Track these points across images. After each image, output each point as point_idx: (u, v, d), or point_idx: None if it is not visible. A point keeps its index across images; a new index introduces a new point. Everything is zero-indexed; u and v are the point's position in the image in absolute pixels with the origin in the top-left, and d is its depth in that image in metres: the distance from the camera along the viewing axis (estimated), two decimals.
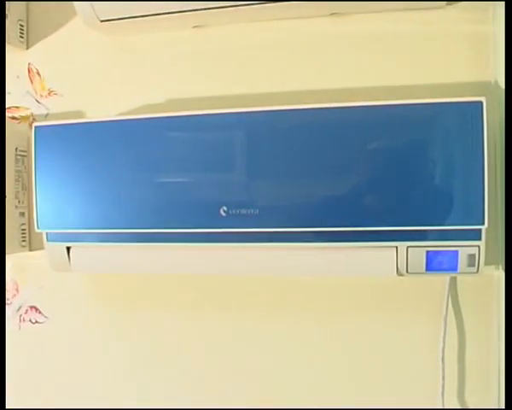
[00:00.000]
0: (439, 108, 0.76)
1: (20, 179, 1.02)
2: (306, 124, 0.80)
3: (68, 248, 0.91)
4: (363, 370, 0.94)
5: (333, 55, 0.92)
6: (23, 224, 1.03)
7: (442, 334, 0.87)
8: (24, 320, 1.08)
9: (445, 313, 0.87)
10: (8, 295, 1.08)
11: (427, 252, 0.78)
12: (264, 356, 0.98)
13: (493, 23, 0.86)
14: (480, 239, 0.76)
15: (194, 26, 0.96)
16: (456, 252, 0.77)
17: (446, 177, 0.76)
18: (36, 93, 1.05)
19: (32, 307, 1.07)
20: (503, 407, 0.76)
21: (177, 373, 1.01)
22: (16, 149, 1.01)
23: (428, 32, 0.89)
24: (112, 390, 1.05)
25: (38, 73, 1.05)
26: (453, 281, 0.88)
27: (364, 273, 0.82)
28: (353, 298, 0.93)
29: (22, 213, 1.03)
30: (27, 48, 1.05)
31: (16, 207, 1.01)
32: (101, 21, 0.91)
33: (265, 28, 0.94)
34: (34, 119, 1.05)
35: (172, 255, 0.86)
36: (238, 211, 0.81)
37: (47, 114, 1.05)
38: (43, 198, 0.90)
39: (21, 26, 1.04)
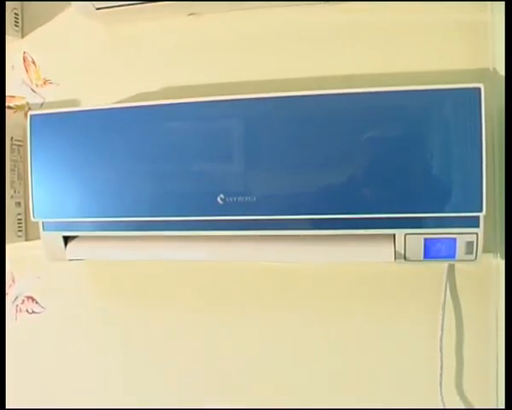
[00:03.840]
0: (437, 95, 0.75)
1: (16, 169, 1.02)
2: (303, 111, 0.79)
3: (65, 238, 0.90)
4: (361, 359, 0.94)
5: (331, 42, 0.92)
6: (19, 214, 1.03)
7: (440, 322, 0.87)
8: (21, 311, 1.08)
9: (443, 301, 0.87)
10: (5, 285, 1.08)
11: (425, 239, 0.78)
12: (263, 348, 0.98)
13: (492, 10, 0.85)
14: (478, 226, 0.76)
15: (190, 14, 0.96)
16: (454, 239, 0.77)
17: (444, 164, 0.75)
18: (31, 82, 1.05)
19: (28, 298, 1.07)
20: (503, 407, 0.76)
21: (177, 366, 1.01)
22: (12, 138, 1.01)
23: (427, 19, 0.88)
24: (109, 381, 1.05)
25: (34, 62, 1.04)
26: (451, 269, 0.88)
27: (362, 261, 0.82)
28: (351, 287, 0.93)
29: (18, 203, 1.02)
30: (22, 37, 1.05)
31: (12, 196, 1.01)
32: (97, 9, 0.91)
33: (261, 16, 0.93)
34: (30, 108, 1.04)
35: (170, 243, 0.86)
36: (235, 199, 0.80)
37: (42, 103, 1.04)
38: (39, 187, 0.89)
39: (16, 14, 1.03)
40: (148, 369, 1.03)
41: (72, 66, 1.02)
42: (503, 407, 0.75)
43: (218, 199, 0.81)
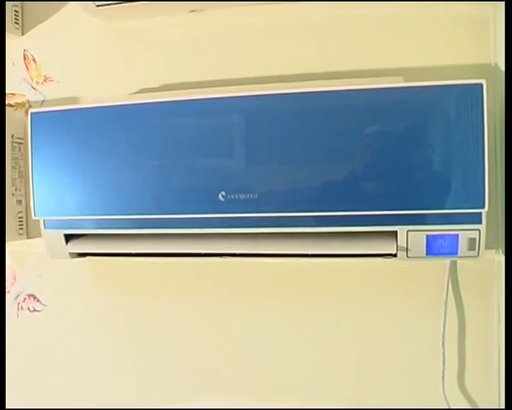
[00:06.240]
0: (439, 91, 0.75)
1: (17, 167, 1.02)
2: (305, 108, 0.79)
3: (66, 235, 0.90)
4: (363, 354, 0.94)
5: (332, 37, 0.92)
6: (20, 211, 1.03)
7: (442, 318, 0.87)
8: (22, 309, 1.08)
9: (445, 297, 0.87)
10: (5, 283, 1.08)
11: (428, 236, 0.78)
12: (264, 345, 0.98)
13: (494, 6, 0.85)
14: (480, 223, 0.76)
15: (191, 11, 0.95)
16: (457, 236, 0.77)
17: (446, 160, 0.75)
18: (32, 80, 1.05)
19: (30, 296, 1.07)
20: (504, 402, 0.76)
21: (178, 364, 1.01)
22: (12, 136, 1.01)
23: (428, 14, 0.88)
24: (111, 379, 1.05)
25: (34, 60, 1.04)
26: (453, 265, 0.88)
27: (364, 257, 0.81)
28: (353, 284, 0.93)
29: (19, 201, 1.02)
30: (22, 34, 1.05)
31: (13, 194, 1.01)
32: (97, 6, 0.91)
33: (262, 11, 0.93)
34: (30, 105, 1.04)
35: (171, 240, 0.86)
36: (237, 196, 0.80)
37: (43, 101, 1.04)
38: (40, 185, 0.89)
39: (16, 12, 1.03)
40: (150, 366, 1.03)
41: (73, 63, 1.02)
42: (504, 402, 0.75)
43: (220, 196, 0.81)
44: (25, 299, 1.07)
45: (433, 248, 0.78)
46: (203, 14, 0.96)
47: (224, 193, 0.81)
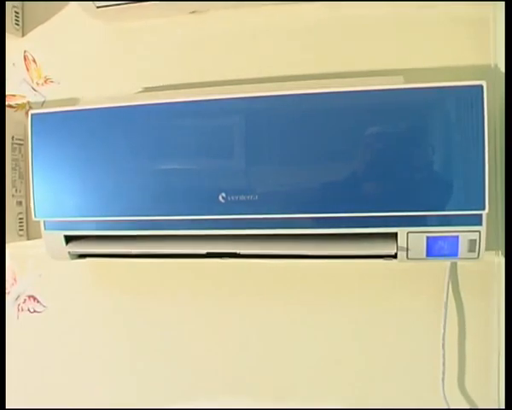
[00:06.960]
0: (439, 93, 0.75)
1: (17, 168, 1.02)
2: (306, 109, 0.79)
3: (66, 236, 0.90)
4: (363, 354, 0.94)
5: (331, 38, 0.91)
6: (20, 213, 1.03)
7: (442, 320, 0.87)
8: (22, 310, 1.08)
9: (445, 299, 0.87)
10: (5, 284, 1.08)
11: (428, 237, 0.77)
12: (263, 342, 0.98)
13: (493, 6, 0.85)
14: (480, 224, 0.76)
15: (192, 12, 0.95)
16: (457, 237, 0.77)
17: (447, 162, 0.75)
18: (32, 81, 1.05)
19: (30, 297, 1.07)
20: (504, 403, 0.76)
21: (178, 361, 1.02)
22: (13, 137, 1.01)
23: (428, 15, 0.88)
24: (111, 379, 1.05)
25: (34, 61, 1.04)
26: (453, 266, 0.88)
27: (364, 258, 0.81)
28: (353, 285, 0.93)
29: (19, 202, 1.02)
30: (23, 35, 1.05)
31: (13, 195, 1.00)
32: (98, 7, 0.91)
33: (263, 12, 0.93)
34: (30, 107, 1.04)
35: (171, 241, 0.86)
36: (237, 197, 0.80)
37: (43, 102, 1.04)
38: (41, 186, 0.89)
39: (16, 13, 1.03)
40: (150, 366, 1.03)
41: (73, 64, 1.02)
42: (504, 402, 0.76)
43: (220, 198, 0.81)
44: (25, 300, 1.07)
45: (434, 249, 0.78)
46: (203, 15, 0.95)
47: (224, 194, 0.80)
